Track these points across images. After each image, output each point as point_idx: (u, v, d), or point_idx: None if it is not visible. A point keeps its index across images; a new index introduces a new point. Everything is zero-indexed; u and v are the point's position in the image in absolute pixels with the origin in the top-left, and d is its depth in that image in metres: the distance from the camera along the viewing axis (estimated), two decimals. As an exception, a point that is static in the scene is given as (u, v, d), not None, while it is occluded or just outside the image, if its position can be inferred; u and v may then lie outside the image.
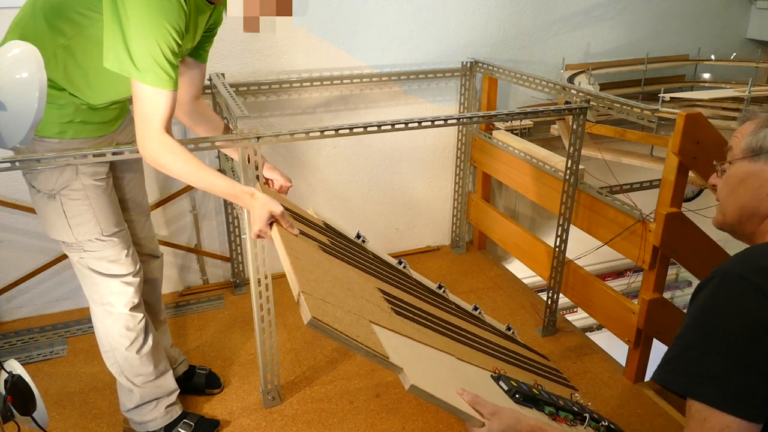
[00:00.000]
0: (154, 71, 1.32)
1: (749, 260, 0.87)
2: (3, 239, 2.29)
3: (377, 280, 1.52)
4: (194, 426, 1.79)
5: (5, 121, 1.27)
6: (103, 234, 1.54)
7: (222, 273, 2.69)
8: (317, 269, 1.31)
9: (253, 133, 1.61)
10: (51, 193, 1.47)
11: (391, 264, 1.76)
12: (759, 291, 0.81)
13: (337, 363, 2.15)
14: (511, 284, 2.73)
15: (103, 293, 1.59)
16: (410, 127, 1.76)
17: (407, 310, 1.44)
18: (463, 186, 2.89)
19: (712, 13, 3.18)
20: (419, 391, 1.04)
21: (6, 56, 1.29)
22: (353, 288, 1.35)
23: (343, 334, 1.08)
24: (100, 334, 1.65)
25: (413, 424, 1.87)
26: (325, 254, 1.46)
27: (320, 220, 1.72)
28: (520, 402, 1.24)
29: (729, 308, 0.83)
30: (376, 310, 1.31)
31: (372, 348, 1.09)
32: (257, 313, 1.79)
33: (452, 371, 1.26)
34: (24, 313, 2.43)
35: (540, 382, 1.43)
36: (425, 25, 2.59)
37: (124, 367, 1.66)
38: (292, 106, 2.51)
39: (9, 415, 1.02)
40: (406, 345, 1.22)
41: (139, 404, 1.72)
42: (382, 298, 1.41)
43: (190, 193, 2.49)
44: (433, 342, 1.34)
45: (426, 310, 1.54)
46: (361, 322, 1.18)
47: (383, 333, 1.19)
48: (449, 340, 1.42)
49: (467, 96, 2.70)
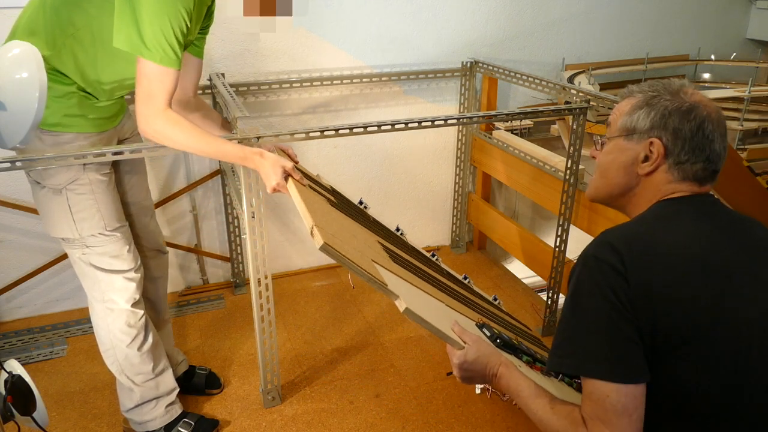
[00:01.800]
0: (163, 50, 1.36)
1: (603, 240, 0.94)
2: (3, 239, 2.29)
3: (377, 237, 1.65)
4: (194, 425, 1.79)
5: (5, 121, 1.27)
6: (106, 229, 1.55)
7: (222, 273, 2.69)
8: (327, 216, 1.44)
9: (253, 133, 1.61)
10: (57, 188, 1.48)
11: (390, 229, 1.90)
12: (613, 269, 0.89)
13: (337, 363, 2.15)
14: (511, 284, 2.73)
15: (105, 290, 1.59)
16: (410, 127, 1.76)
17: (404, 262, 1.56)
18: (463, 186, 2.89)
19: (712, 13, 3.18)
20: (413, 315, 1.15)
21: (6, 56, 1.29)
22: (357, 236, 1.49)
23: (349, 259, 1.20)
24: (101, 332, 1.65)
25: (413, 424, 1.87)
26: (333, 208, 1.59)
27: (328, 184, 1.81)
28: (501, 346, 1.34)
29: (592, 288, 0.90)
30: (377, 255, 1.44)
31: (373, 275, 1.20)
32: (257, 313, 1.79)
33: (441, 311, 1.37)
34: (24, 313, 2.43)
35: (523, 343, 1.52)
36: (425, 25, 2.59)
37: (125, 366, 1.66)
38: (292, 106, 2.51)
39: (9, 415, 1.02)
40: (402, 283, 1.34)
41: (139, 403, 1.72)
42: (382, 249, 1.55)
43: (190, 193, 2.50)
44: (425, 288, 1.46)
45: (420, 267, 1.65)
46: (364, 257, 1.30)
47: (383, 270, 1.30)
48: (439, 291, 1.55)
49: (467, 96, 2.70)
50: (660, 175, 1.01)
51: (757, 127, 2.60)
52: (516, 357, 1.32)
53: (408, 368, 2.13)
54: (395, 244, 1.72)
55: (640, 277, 0.88)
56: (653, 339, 0.88)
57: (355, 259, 1.23)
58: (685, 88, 1.02)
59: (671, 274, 0.89)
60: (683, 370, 0.88)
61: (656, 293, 0.87)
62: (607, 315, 0.88)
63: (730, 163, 1.82)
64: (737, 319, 0.89)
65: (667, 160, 1.00)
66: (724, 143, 1.00)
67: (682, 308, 0.88)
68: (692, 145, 0.98)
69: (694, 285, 0.89)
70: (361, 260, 1.26)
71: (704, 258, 0.92)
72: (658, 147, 0.99)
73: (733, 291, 0.90)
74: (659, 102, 1.00)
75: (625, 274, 0.88)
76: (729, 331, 0.88)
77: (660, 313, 0.87)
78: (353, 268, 1.20)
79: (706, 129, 0.98)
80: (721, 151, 1.00)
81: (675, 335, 0.87)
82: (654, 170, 1.01)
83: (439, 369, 2.12)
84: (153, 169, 2.38)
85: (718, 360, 0.88)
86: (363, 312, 2.48)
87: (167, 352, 1.82)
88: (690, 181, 1.00)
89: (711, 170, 1.00)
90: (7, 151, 1.41)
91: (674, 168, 1.00)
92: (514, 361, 1.25)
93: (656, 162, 1.00)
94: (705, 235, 0.95)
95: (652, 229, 0.97)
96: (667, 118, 0.99)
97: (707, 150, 0.98)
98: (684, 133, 0.98)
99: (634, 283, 0.88)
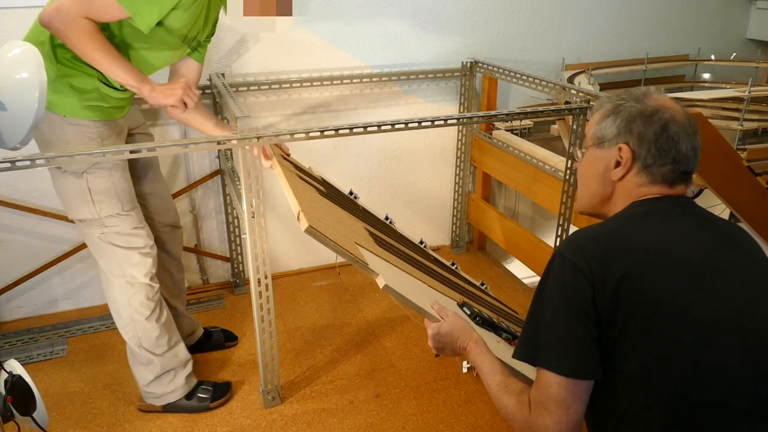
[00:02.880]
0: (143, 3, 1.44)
1: (572, 239, 0.98)
2: (3, 239, 2.29)
3: (365, 223, 1.73)
4: (213, 390, 1.93)
5: (5, 121, 1.27)
6: (123, 209, 1.67)
7: (222, 273, 2.69)
8: (314, 203, 1.52)
9: (253, 133, 1.61)
10: (78, 172, 1.58)
11: (379, 218, 1.98)
12: (575, 267, 0.92)
13: (337, 363, 2.15)
14: (511, 284, 2.73)
15: (125, 266, 1.70)
16: (410, 127, 1.76)
17: (389, 246, 1.65)
18: (463, 186, 2.89)
19: (712, 13, 3.18)
20: (392, 291, 1.24)
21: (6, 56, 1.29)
22: (343, 221, 1.58)
23: (332, 241, 1.29)
24: (120, 307, 1.75)
25: (413, 424, 1.87)
26: (322, 197, 1.67)
27: (319, 176, 1.89)
28: (480, 324, 1.43)
29: (554, 284, 0.95)
30: (362, 239, 1.52)
31: (355, 255, 1.30)
32: (257, 313, 1.79)
33: (422, 290, 1.45)
34: (24, 313, 2.43)
35: (504, 323, 1.60)
36: (425, 25, 2.59)
37: (143, 338, 1.76)
38: (292, 106, 2.51)
39: (9, 415, 1.02)
40: (384, 264, 1.42)
41: (159, 375, 1.82)
42: (368, 234, 1.63)
43: (190, 193, 2.50)
44: (408, 270, 1.54)
45: (405, 251, 1.73)
46: (348, 240, 1.39)
47: (365, 252, 1.39)
48: (423, 274, 1.61)
49: (467, 96, 2.70)
50: (631, 179, 1.04)
51: (757, 127, 2.60)
52: (496, 334, 1.40)
53: (408, 368, 2.13)
54: (383, 231, 1.79)
55: (603, 274, 0.91)
56: (614, 332, 0.91)
57: (338, 241, 1.30)
58: (650, 93, 1.04)
59: (635, 271, 0.91)
60: (645, 363, 0.90)
61: (620, 289, 0.90)
62: (565, 312, 0.92)
63: (730, 163, 1.82)
64: (705, 315, 0.90)
65: (636, 163, 1.02)
66: (693, 143, 1.02)
67: (645, 304, 0.90)
68: (657, 148, 1.00)
69: (658, 281, 0.91)
70: (345, 242, 1.34)
71: (671, 255, 0.94)
72: (626, 152, 1.02)
73: (700, 287, 0.92)
74: (624, 108, 1.03)
75: (589, 273, 0.91)
76: (695, 327, 0.90)
77: (622, 309, 0.90)
78: (336, 249, 1.29)
79: (670, 131, 1.00)
80: (689, 152, 1.01)
81: (637, 329, 0.89)
82: (625, 175, 1.04)
83: (439, 369, 2.12)
84: (153, 169, 2.38)
85: (682, 354, 0.89)
86: (363, 312, 2.48)
87: (188, 321, 2.07)
88: (660, 183, 1.02)
89: (680, 171, 1.02)
90: (7, 151, 1.41)
91: (643, 171, 1.02)
92: (492, 338, 1.33)
93: (627, 167, 1.03)
94: (673, 233, 0.97)
95: (621, 227, 1.00)
96: (631, 123, 1.02)
97: (673, 151, 1.00)
98: (648, 136, 1.00)
99: (597, 280, 0.91)
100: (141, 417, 1.89)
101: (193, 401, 1.89)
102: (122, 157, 1.60)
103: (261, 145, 1.64)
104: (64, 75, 1.53)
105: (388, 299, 2.56)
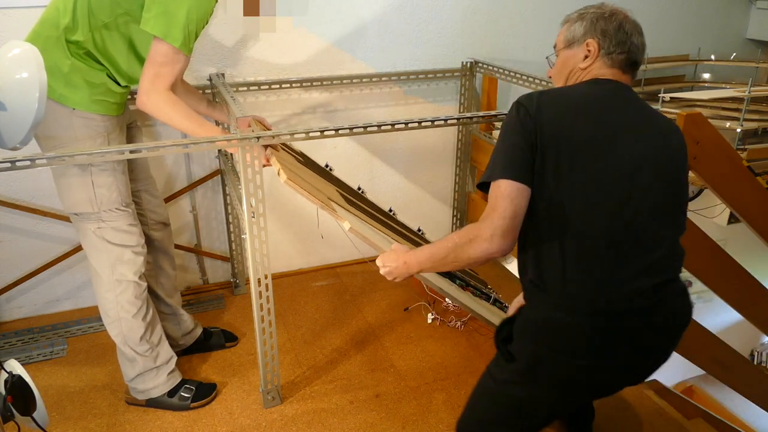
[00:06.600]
0: (185, 36, 1.50)
1: (529, 94, 1.22)
2: (3, 239, 2.29)
3: (337, 188, 1.96)
4: (195, 390, 1.93)
5: (5, 121, 1.27)
6: (122, 204, 1.70)
7: (222, 273, 2.69)
8: (293, 166, 1.72)
9: (253, 133, 1.61)
10: (83, 165, 1.62)
11: (351, 187, 2.18)
12: (522, 106, 1.20)
13: (337, 363, 2.15)
14: (511, 284, 2.73)
15: (115, 263, 1.72)
16: (410, 127, 1.76)
17: (357, 206, 1.87)
18: (462, 186, 2.89)
19: (712, 13, 3.18)
20: (356, 233, 1.51)
21: (6, 56, 1.29)
22: (317, 184, 1.78)
23: (306, 192, 1.54)
24: (108, 304, 1.76)
25: (413, 424, 1.87)
26: (300, 164, 1.87)
27: (299, 150, 2.09)
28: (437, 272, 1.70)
29: (508, 121, 1.21)
30: (334, 196, 1.76)
31: (325, 204, 1.55)
32: (257, 313, 1.79)
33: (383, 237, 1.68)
34: (24, 313, 2.43)
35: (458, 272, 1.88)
36: (425, 25, 2.59)
37: (128, 336, 1.79)
38: (292, 106, 2.51)
39: (9, 415, 1.02)
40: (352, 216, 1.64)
41: (142, 372, 1.84)
42: (340, 195, 1.86)
43: (190, 193, 2.50)
44: (372, 224, 1.75)
45: (372, 212, 1.95)
46: (321, 194, 1.63)
47: (335, 205, 1.62)
48: (390, 231, 1.83)
49: (467, 96, 2.70)
50: (595, 65, 1.30)
51: (757, 127, 2.60)
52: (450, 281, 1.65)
53: (408, 368, 2.13)
54: (353, 196, 2.03)
55: (541, 115, 1.17)
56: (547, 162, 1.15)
57: (312, 193, 1.54)
58: (605, 3, 1.33)
59: (563, 116, 1.18)
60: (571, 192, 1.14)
61: (550, 127, 1.16)
62: (515, 140, 1.17)
63: (730, 163, 1.82)
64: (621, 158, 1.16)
65: (600, 52, 1.29)
66: (641, 40, 1.30)
67: (567, 141, 1.16)
68: (617, 40, 1.28)
69: (580, 126, 1.17)
70: (317, 195, 1.57)
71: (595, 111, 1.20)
72: (593, 45, 1.29)
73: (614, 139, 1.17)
74: (588, 14, 1.32)
75: (533, 110, 1.18)
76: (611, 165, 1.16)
77: (549, 144, 1.15)
78: (309, 198, 1.52)
79: (625, 27, 1.29)
80: (639, 44, 1.29)
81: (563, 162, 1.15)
82: (591, 65, 1.30)
83: (439, 369, 2.12)
84: (153, 169, 2.37)
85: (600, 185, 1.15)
86: (363, 312, 2.48)
87: (185, 319, 2.10)
88: (616, 68, 1.29)
89: (632, 60, 1.29)
90: (7, 151, 1.41)
91: (606, 57, 1.29)
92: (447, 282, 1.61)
93: (594, 57, 1.29)
94: (605, 100, 1.24)
95: (566, 89, 1.30)
96: (595, 23, 1.29)
97: (628, 42, 1.28)
98: (610, 31, 1.28)
99: (536, 118, 1.17)
100: (141, 417, 1.89)
101: (175, 399, 1.90)
102: (122, 157, 1.61)
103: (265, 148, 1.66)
104: (77, 69, 1.57)
105: (388, 299, 2.56)
